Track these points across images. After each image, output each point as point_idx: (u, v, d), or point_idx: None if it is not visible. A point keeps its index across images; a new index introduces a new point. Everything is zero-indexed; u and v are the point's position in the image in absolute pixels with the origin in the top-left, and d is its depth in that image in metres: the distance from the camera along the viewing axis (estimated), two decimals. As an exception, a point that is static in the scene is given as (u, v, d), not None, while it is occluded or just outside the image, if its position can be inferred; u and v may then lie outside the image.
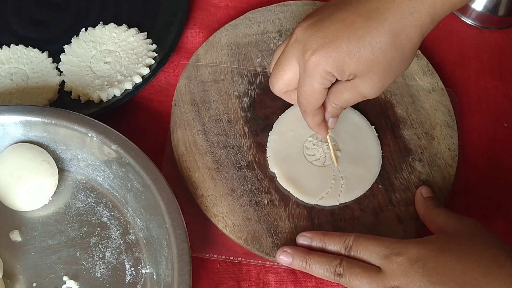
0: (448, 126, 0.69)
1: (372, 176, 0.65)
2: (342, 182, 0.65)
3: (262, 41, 0.74)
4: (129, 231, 0.63)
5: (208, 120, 0.68)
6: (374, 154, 0.66)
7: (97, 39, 0.74)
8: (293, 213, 0.64)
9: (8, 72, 0.72)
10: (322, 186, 0.65)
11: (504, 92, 0.74)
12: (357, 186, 0.65)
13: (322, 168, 0.66)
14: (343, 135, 0.67)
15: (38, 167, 0.62)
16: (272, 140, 0.67)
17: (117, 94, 0.70)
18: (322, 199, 0.64)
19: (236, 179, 0.65)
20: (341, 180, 0.65)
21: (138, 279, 0.61)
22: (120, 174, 0.63)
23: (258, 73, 0.72)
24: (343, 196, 0.64)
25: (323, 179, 0.65)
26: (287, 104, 0.70)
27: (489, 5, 0.77)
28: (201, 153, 0.66)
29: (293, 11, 0.76)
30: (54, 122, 0.62)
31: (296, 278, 0.63)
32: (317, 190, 0.64)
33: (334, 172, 0.65)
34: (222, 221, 0.63)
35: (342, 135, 0.67)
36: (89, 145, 0.63)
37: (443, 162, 0.67)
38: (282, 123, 0.68)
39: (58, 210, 0.64)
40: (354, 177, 0.65)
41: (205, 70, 0.71)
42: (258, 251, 0.62)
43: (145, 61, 0.72)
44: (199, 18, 0.78)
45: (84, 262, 0.61)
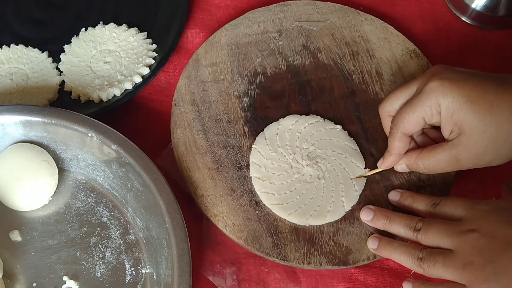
0: (448, 126, 0.69)
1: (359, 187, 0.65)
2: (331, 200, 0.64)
3: (262, 41, 0.74)
4: (129, 231, 0.63)
5: (208, 120, 0.68)
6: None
7: (97, 39, 0.74)
8: (293, 213, 0.64)
9: (8, 72, 0.72)
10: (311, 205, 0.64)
11: (504, 92, 0.74)
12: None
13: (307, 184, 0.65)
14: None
15: (38, 167, 0.62)
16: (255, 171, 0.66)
17: (117, 94, 0.70)
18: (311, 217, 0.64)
19: (236, 179, 0.65)
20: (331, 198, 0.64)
21: (138, 279, 0.61)
22: (120, 174, 0.62)
23: (258, 73, 0.72)
24: (330, 215, 0.63)
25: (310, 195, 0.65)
26: (287, 104, 0.70)
27: (489, 5, 0.77)
28: (201, 153, 0.66)
29: (293, 11, 0.76)
30: (54, 122, 0.62)
31: (296, 278, 0.63)
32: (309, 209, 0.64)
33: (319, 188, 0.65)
34: (222, 221, 0.63)
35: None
36: (89, 145, 0.63)
37: (443, 162, 0.67)
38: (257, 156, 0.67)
39: (58, 210, 0.64)
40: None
41: (205, 70, 0.71)
42: (258, 251, 0.62)
43: (145, 61, 0.72)
44: (199, 18, 0.78)
45: (84, 262, 0.61)
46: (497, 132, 0.54)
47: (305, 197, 0.64)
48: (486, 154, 0.55)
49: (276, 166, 0.66)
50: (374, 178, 0.66)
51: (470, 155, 0.56)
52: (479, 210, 0.53)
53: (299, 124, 0.68)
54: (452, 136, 0.57)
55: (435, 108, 0.56)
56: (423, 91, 0.56)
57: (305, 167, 0.66)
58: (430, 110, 0.56)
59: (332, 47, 0.74)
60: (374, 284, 0.63)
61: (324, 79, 0.72)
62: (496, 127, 0.54)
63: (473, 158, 0.56)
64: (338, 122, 0.69)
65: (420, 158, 0.59)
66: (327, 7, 0.76)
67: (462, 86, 0.54)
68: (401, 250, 0.57)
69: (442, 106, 0.55)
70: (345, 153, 0.66)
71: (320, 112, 0.69)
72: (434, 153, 0.58)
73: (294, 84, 0.71)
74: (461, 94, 0.54)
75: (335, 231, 0.63)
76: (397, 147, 0.60)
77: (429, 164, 0.59)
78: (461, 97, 0.54)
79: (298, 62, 0.73)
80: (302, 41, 0.74)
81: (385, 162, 0.62)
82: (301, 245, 0.62)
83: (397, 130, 0.59)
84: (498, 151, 0.55)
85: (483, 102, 0.54)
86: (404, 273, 0.63)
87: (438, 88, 0.55)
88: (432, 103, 0.56)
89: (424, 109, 0.57)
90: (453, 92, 0.54)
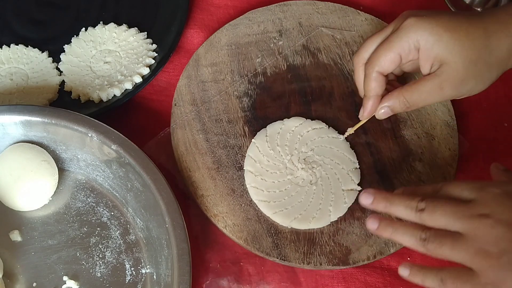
0: (448, 126, 0.69)
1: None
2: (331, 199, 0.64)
3: (262, 41, 0.74)
4: (129, 231, 0.63)
5: (208, 120, 0.68)
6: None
7: (97, 39, 0.74)
8: (293, 213, 0.64)
9: (8, 72, 0.72)
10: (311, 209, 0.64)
11: (504, 92, 0.74)
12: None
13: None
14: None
15: (38, 167, 0.62)
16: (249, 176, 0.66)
17: (117, 94, 0.70)
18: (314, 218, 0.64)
19: (236, 179, 0.65)
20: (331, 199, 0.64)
21: (138, 279, 0.61)
22: (120, 174, 0.62)
23: (258, 73, 0.72)
24: (314, 222, 0.63)
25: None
26: (287, 104, 0.70)
27: (489, 5, 0.77)
28: (201, 153, 0.66)
29: (293, 11, 0.76)
30: (54, 122, 0.62)
31: (296, 278, 0.63)
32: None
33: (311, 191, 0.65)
34: (222, 221, 0.63)
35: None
36: (89, 145, 0.63)
37: (443, 162, 0.67)
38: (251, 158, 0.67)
39: (58, 210, 0.64)
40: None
41: (205, 70, 0.71)
42: (258, 251, 0.62)
43: (145, 61, 0.72)
44: (199, 18, 0.78)
45: (84, 262, 0.61)
46: (476, 56, 0.56)
47: (293, 199, 0.64)
48: (467, 79, 0.57)
49: (271, 163, 0.66)
50: (374, 178, 0.66)
51: (453, 82, 0.57)
52: (490, 193, 0.51)
53: (303, 127, 0.68)
54: (434, 69, 0.57)
55: (413, 43, 0.57)
56: (401, 28, 0.57)
57: (299, 170, 0.65)
58: (408, 45, 0.57)
59: (332, 47, 0.74)
60: (374, 284, 0.63)
61: (324, 79, 0.72)
62: (474, 51, 0.56)
63: (456, 85, 0.57)
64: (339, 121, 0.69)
65: (402, 93, 0.59)
66: (327, 7, 0.76)
67: (438, 19, 0.56)
68: (402, 230, 0.54)
69: (421, 40, 0.56)
70: (343, 164, 0.66)
71: (320, 111, 0.69)
72: (417, 85, 0.58)
73: (294, 84, 0.71)
74: (439, 25, 0.56)
75: (335, 231, 0.63)
76: (373, 87, 0.60)
77: (413, 97, 0.59)
78: (439, 28, 0.56)
79: (298, 62, 0.73)
80: (302, 41, 0.74)
81: (365, 109, 0.61)
82: (301, 245, 0.62)
83: (372, 69, 0.59)
84: (478, 76, 0.57)
85: (460, 30, 0.56)
86: (404, 273, 0.63)
87: (416, 23, 0.56)
88: (411, 38, 0.57)
89: (401, 45, 0.57)
90: (431, 24, 0.56)
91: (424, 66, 0.58)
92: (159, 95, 0.73)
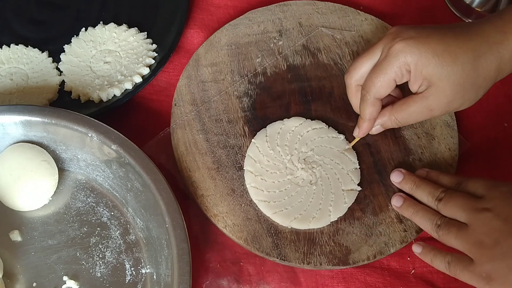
0: (448, 126, 0.69)
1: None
2: (331, 200, 0.64)
3: (262, 41, 0.74)
4: (129, 231, 0.63)
5: (208, 120, 0.68)
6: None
7: (97, 39, 0.74)
8: (293, 213, 0.64)
9: (8, 72, 0.72)
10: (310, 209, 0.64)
11: (504, 92, 0.74)
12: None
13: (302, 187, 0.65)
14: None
15: (38, 167, 0.62)
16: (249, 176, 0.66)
17: (117, 94, 0.70)
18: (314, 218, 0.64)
19: (236, 179, 0.65)
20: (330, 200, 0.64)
21: (138, 279, 0.61)
22: (120, 174, 0.62)
23: (258, 73, 0.72)
24: (314, 222, 0.63)
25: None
26: (287, 104, 0.70)
27: (489, 5, 0.77)
28: (201, 153, 0.66)
29: (293, 11, 0.76)
30: (54, 122, 0.62)
31: (296, 278, 0.63)
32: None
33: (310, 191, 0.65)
34: (222, 221, 0.63)
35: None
36: (89, 145, 0.63)
37: (443, 162, 0.67)
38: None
39: (58, 210, 0.64)
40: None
41: (205, 70, 0.71)
42: (258, 251, 0.62)
43: (145, 61, 0.72)
44: (199, 18, 0.78)
45: (84, 262, 0.61)
46: (464, 79, 0.57)
47: (293, 199, 0.64)
48: (455, 100, 0.59)
49: (271, 164, 0.66)
50: (374, 178, 0.66)
51: (441, 104, 0.59)
52: (498, 191, 0.56)
53: (303, 127, 0.68)
54: (422, 89, 0.59)
55: (405, 68, 0.58)
56: (390, 54, 0.58)
57: (299, 170, 0.65)
58: (400, 70, 0.58)
59: (332, 47, 0.74)
60: (374, 284, 0.63)
61: (324, 79, 0.72)
62: (462, 75, 0.57)
63: (444, 106, 0.59)
64: (338, 121, 0.69)
65: (393, 114, 0.62)
66: (327, 7, 0.76)
67: (427, 42, 0.57)
68: (422, 213, 0.60)
69: (411, 65, 0.58)
70: (343, 164, 0.66)
71: (320, 111, 0.69)
72: (406, 106, 0.61)
73: (294, 84, 0.71)
74: (427, 50, 0.57)
75: (335, 231, 0.63)
76: (370, 112, 0.62)
77: (403, 117, 0.61)
78: (428, 53, 0.57)
79: (298, 62, 0.73)
80: (302, 41, 0.74)
81: (361, 129, 0.64)
82: (301, 245, 0.62)
83: (369, 96, 0.60)
84: (465, 96, 0.59)
85: (448, 54, 0.57)
86: (404, 273, 0.63)
87: (404, 48, 0.57)
88: (401, 63, 0.58)
89: (394, 71, 0.58)
90: (419, 49, 0.57)
91: (412, 85, 0.60)
92: (159, 95, 0.73)
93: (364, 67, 0.61)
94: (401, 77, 0.59)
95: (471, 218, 0.56)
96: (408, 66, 0.58)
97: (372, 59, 0.60)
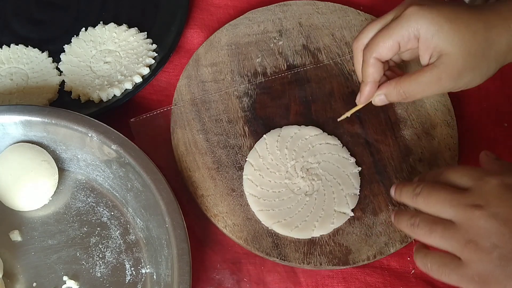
0: (448, 126, 0.69)
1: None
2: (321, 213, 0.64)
3: (262, 41, 0.74)
4: (129, 231, 0.63)
5: (208, 120, 0.68)
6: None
7: (97, 39, 0.74)
8: (293, 213, 0.64)
9: (8, 72, 0.72)
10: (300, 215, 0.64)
11: (504, 92, 0.74)
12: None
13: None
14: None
15: (38, 167, 0.62)
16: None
17: (117, 94, 0.70)
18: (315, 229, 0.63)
19: (236, 179, 0.65)
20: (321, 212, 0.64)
21: (138, 279, 0.61)
22: (120, 174, 0.62)
23: (258, 73, 0.72)
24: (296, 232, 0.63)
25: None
26: (287, 104, 0.70)
27: (489, 5, 0.77)
28: (201, 153, 0.66)
29: (293, 11, 0.76)
30: (54, 122, 0.62)
31: (296, 278, 0.63)
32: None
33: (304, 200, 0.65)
34: (222, 221, 0.63)
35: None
36: (89, 145, 0.63)
37: (443, 162, 0.67)
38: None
39: (58, 210, 0.64)
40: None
41: (205, 70, 0.71)
42: (258, 251, 0.62)
43: (145, 61, 0.72)
44: (199, 18, 0.78)
45: (84, 262, 0.61)
46: (475, 48, 0.56)
47: (282, 203, 0.64)
48: (466, 72, 0.57)
49: (273, 163, 0.66)
50: (374, 178, 0.66)
51: (451, 74, 0.56)
52: (488, 184, 0.51)
53: (317, 138, 0.67)
54: (433, 60, 0.57)
55: (413, 32, 0.57)
56: (402, 16, 0.57)
57: (298, 178, 0.65)
58: (408, 34, 0.57)
59: (332, 47, 0.74)
60: (374, 284, 0.63)
61: (324, 79, 0.72)
62: (474, 44, 0.56)
63: (454, 77, 0.57)
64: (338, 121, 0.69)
65: (400, 83, 0.59)
66: (327, 7, 0.76)
67: (440, 9, 0.56)
68: (399, 216, 0.55)
69: (421, 29, 0.56)
70: (344, 185, 0.65)
71: (320, 111, 0.69)
72: (416, 76, 0.58)
73: (294, 84, 0.71)
74: (440, 15, 0.56)
75: (335, 231, 0.63)
76: (371, 73, 0.59)
77: (410, 88, 0.58)
78: (440, 18, 0.56)
79: (298, 62, 0.73)
80: (302, 41, 0.74)
81: (362, 94, 0.61)
82: (301, 245, 0.62)
83: (370, 55, 0.59)
84: (476, 68, 0.57)
85: (460, 21, 0.56)
86: (404, 273, 0.63)
87: (417, 12, 0.56)
88: (411, 26, 0.56)
89: (401, 33, 0.57)
90: (432, 14, 0.56)
91: (423, 56, 0.58)
92: (159, 95, 0.73)
93: (373, 31, 0.59)
94: (407, 41, 0.57)
95: (460, 216, 0.50)
96: (418, 32, 0.56)
97: (382, 24, 0.59)
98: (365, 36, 0.60)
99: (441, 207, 0.51)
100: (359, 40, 0.60)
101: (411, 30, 0.56)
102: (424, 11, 0.56)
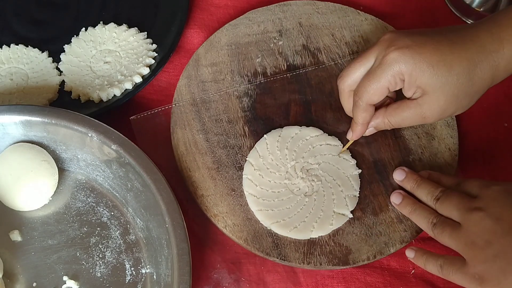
0: (448, 126, 0.69)
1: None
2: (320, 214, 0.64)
3: (262, 41, 0.74)
4: (129, 231, 0.63)
5: (208, 120, 0.68)
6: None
7: (97, 39, 0.74)
8: (293, 213, 0.64)
9: (8, 72, 0.72)
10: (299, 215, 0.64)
11: (504, 92, 0.74)
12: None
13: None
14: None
15: (38, 167, 0.62)
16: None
17: (117, 94, 0.70)
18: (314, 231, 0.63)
19: (236, 179, 0.65)
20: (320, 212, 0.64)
21: (138, 279, 0.61)
22: (120, 174, 0.62)
23: (258, 73, 0.72)
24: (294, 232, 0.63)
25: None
26: (287, 104, 0.70)
27: (489, 5, 0.77)
28: (201, 153, 0.66)
29: (293, 11, 0.76)
30: (54, 122, 0.62)
31: (296, 278, 0.63)
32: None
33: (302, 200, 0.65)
34: (222, 221, 0.63)
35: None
36: (89, 145, 0.63)
37: (443, 162, 0.67)
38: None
39: (58, 210, 0.64)
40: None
41: (205, 70, 0.71)
42: (258, 251, 0.62)
43: (145, 61, 0.72)
44: (199, 18, 0.78)
45: (84, 262, 0.61)
46: (458, 88, 0.57)
47: (281, 204, 0.64)
48: (449, 108, 0.59)
49: (273, 163, 0.66)
50: (374, 178, 0.66)
51: (434, 112, 0.59)
52: (491, 190, 0.56)
53: (318, 139, 0.67)
54: (416, 96, 0.59)
55: (399, 77, 0.58)
56: (385, 62, 0.58)
57: (297, 179, 0.65)
58: (394, 79, 0.58)
59: (332, 47, 0.74)
60: (374, 284, 0.63)
61: (324, 79, 0.72)
62: (457, 85, 0.57)
63: (437, 114, 0.59)
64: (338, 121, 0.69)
65: (386, 117, 0.62)
66: (327, 7, 0.76)
67: (422, 52, 0.57)
68: (419, 211, 0.60)
69: (405, 74, 0.58)
70: (343, 186, 0.65)
71: (320, 111, 0.69)
72: (400, 111, 0.61)
73: (294, 84, 0.71)
74: (422, 60, 0.57)
75: (335, 231, 0.63)
76: (363, 117, 0.62)
77: (396, 121, 0.62)
78: (422, 63, 0.57)
79: (298, 62, 0.73)
80: (302, 41, 0.74)
81: (354, 133, 0.64)
82: (301, 245, 0.62)
83: (362, 102, 0.61)
84: (459, 104, 0.59)
85: (443, 65, 0.57)
86: (404, 273, 0.63)
87: (399, 58, 0.57)
88: (395, 73, 0.58)
89: (388, 79, 0.58)
90: (414, 59, 0.57)
91: (407, 92, 0.60)
92: (159, 95, 0.73)
93: (357, 72, 0.61)
94: (395, 85, 0.59)
95: (464, 218, 0.56)
96: (402, 76, 0.58)
97: (365, 65, 0.60)
98: (350, 77, 0.62)
99: (451, 210, 0.57)
100: (344, 82, 0.62)
101: (396, 74, 0.58)
102: (405, 56, 0.57)
